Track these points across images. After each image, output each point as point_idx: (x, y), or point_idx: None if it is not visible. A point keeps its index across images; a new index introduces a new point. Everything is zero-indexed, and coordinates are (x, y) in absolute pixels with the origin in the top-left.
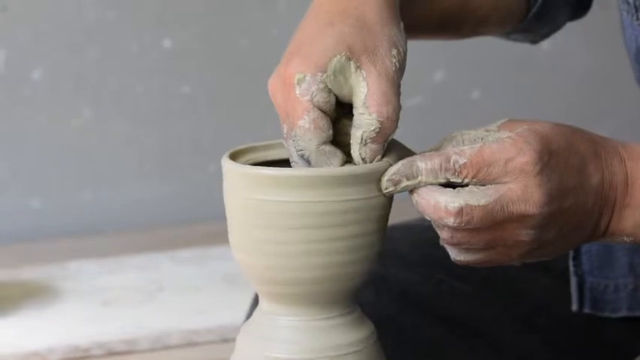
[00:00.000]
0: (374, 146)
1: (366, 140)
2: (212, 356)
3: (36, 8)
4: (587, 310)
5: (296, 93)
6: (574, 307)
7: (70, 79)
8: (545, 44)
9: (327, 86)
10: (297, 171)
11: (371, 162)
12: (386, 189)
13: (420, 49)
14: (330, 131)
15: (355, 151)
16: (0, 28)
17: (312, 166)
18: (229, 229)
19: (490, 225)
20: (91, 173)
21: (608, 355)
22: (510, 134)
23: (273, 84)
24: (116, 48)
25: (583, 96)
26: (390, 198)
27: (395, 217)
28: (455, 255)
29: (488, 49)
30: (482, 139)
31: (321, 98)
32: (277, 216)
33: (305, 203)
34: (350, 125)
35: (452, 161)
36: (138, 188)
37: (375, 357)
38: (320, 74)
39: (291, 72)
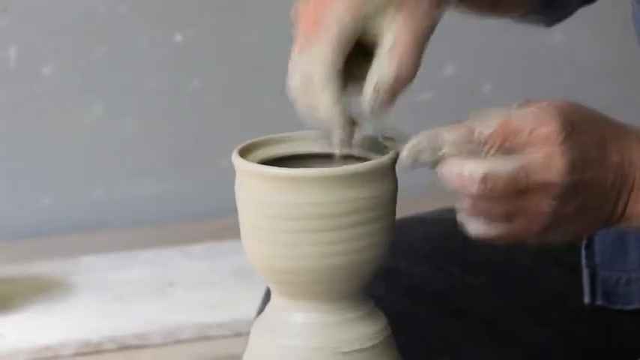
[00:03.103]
0: (385, 97)
1: (378, 90)
2: (224, 351)
3: (46, 3)
4: (599, 302)
5: (325, 19)
6: (586, 299)
7: (80, 75)
8: (558, 36)
9: (355, 21)
10: (305, 171)
11: (377, 115)
12: (405, 163)
13: (430, 43)
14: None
15: (366, 96)
16: (10, 24)
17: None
18: (240, 225)
19: (513, 193)
20: (101, 169)
21: (620, 347)
22: (532, 108)
23: (302, 6)
24: (127, 43)
25: (595, 89)
26: (395, 190)
27: (405, 210)
28: (474, 229)
29: (499, 43)
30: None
31: (349, 26)
32: (285, 214)
33: (312, 202)
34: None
35: (477, 132)
36: (149, 183)
37: (388, 351)
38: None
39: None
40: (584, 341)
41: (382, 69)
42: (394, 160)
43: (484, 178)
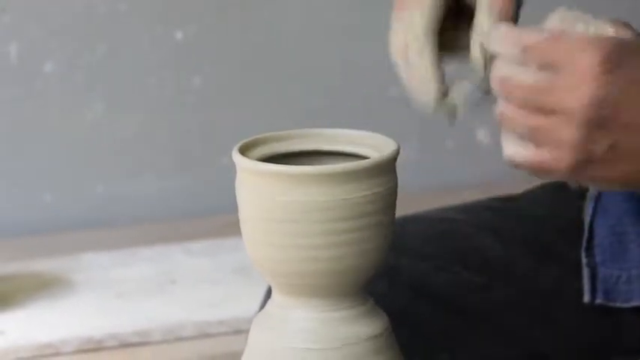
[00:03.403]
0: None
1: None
2: (225, 348)
3: (47, 1)
4: (599, 300)
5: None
6: (586, 298)
7: (82, 72)
8: None
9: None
10: (305, 168)
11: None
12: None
13: None
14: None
15: (476, 47)
16: (11, 22)
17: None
18: (241, 222)
19: (534, 107)
20: (102, 166)
21: (621, 345)
22: (590, 33)
23: None
24: (127, 41)
25: None
26: (395, 187)
27: (406, 209)
28: (507, 149)
29: None
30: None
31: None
32: (285, 212)
33: (313, 200)
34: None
35: (524, 38)
36: (150, 181)
37: (389, 348)
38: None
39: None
40: (584, 340)
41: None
42: (394, 157)
43: (504, 79)
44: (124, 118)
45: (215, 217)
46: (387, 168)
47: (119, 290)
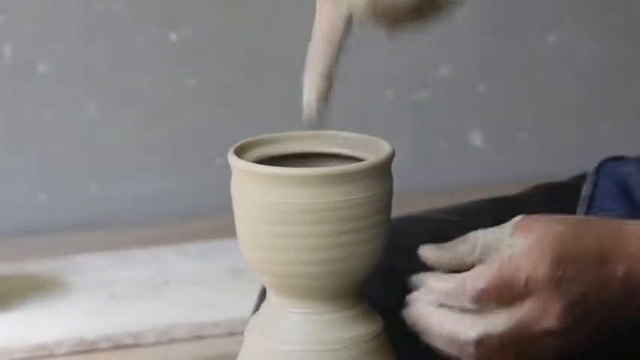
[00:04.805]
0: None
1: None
2: (219, 350)
3: (41, 1)
4: None
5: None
6: None
7: (76, 73)
8: (553, 36)
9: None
10: (300, 170)
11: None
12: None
13: (425, 43)
14: None
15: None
16: (5, 21)
17: None
18: (236, 223)
19: (513, 345)
20: (97, 167)
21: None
22: (524, 246)
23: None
24: (122, 41)
25: (591, 89)
26: (391, 189)
27: (401, 210)
28: None
29: (493, 43)
30: (496, 248)
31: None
32: (281, 212)
33: (307, 202)
34: None
35: (468, 287)
36: (145, 182)
37: (383, 349)
38: None
39: None
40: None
41: None
42: (390, 160)
43: (479, 342)
44: (118, 118)
45: (209, 218)
46: (382, 170)
47: (113, 292)
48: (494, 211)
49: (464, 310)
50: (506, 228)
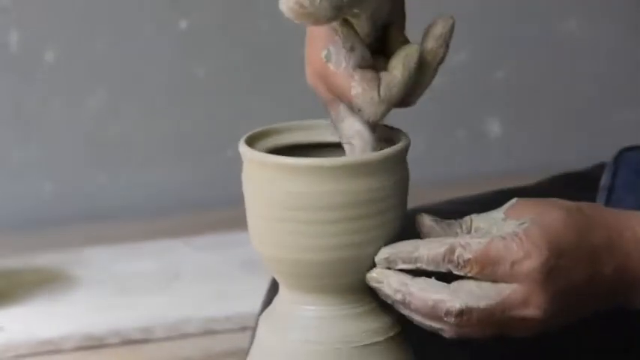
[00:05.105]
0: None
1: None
2: (231, 345)
3: None
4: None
5: (332, 70)
6: None
7: (84, 61)
8: (572, 23)
9: (352, 37)
10: (315, 160)
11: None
12: (377, 268)
13: None
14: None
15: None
16: (12, 8)
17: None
18: (247, 215)
19: (491, 324)
20: (106, 157)
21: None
22: (517, 231)
23: (309, 75)
24: (131, 29)
25: (613, 77)
26: (406, 179)
27: (417, 201)
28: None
29: (512, 29)
30: (488, 230)
31: (357, 55)
32: (293, 204)
33: (322, 192)
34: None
35: (456, 254)
36: (153, 173)
37: (399, 346)
38: (336, 37)
39: (314, 54)
40: (597, 340)
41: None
42: (405, 149)
43: (460, 313)
44: (127, 108)
45: (220, 210)
46: (397, 160)
47: (121, 286)
48: None
49: (444, 280)
50: (499, 212)
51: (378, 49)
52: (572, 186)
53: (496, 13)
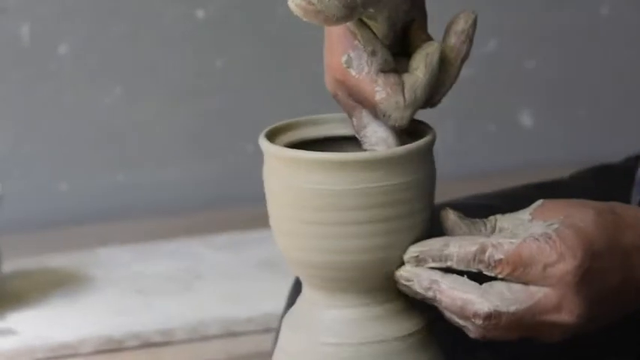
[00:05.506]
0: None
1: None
2: (253, 346)
3: None
4: None
5: (353, 76)
6: None
7: (98, 54)
8: (604, 12)
9: (373, 41)
10: (337, 155)
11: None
12: (406, 266)
13: None
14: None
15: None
16: (24, 1)
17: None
18: (270, 213)
19: (520, 328)
20: (122, 154)
21: None
22: (549, 232)
23: (329, 83)
24: (146, 20)
25: None
26: (433, 175)
27: (445, 196)
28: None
29: (542, 18)
30: (514, 232)
31: (380, 59)
32: (317, 199)
33: (345, 187)
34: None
35: (487, 254)
36: (171, 169)
37: (425, 346)
38: (356, 42)
39: (334, 60)
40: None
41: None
42: (431, 143)
43: (488, 316)
44: (143, 102)
45: (241, 208)
46: (423, 154)
47: (140, 286)
48: (541, 197)
49: (475, 280)
50: (525, 213)
51: (399, 50)
52: (605, 180)
53: (526, 2)
